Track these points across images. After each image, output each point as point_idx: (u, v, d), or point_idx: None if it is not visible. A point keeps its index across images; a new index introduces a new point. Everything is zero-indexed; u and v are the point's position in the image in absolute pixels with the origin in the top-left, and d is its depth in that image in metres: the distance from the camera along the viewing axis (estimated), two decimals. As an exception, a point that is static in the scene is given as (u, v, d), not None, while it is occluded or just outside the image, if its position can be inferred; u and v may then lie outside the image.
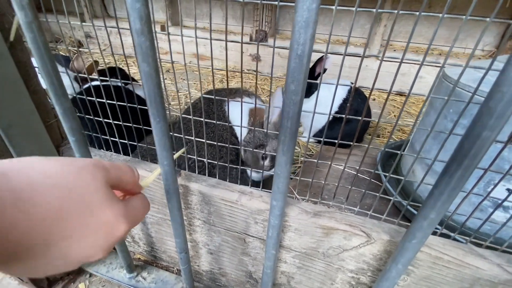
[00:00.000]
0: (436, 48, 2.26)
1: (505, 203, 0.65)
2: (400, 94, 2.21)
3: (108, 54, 2.65)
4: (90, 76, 0.49)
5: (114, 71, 1.43)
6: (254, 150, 0.92)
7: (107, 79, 0.51)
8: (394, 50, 2.22)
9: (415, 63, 2.00)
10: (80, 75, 0.57)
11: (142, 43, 0.31)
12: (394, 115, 1.89)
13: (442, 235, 0.47)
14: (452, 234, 0.47)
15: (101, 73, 1.41)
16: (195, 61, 2.63)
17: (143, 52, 0.32)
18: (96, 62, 1.43)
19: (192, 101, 1.07)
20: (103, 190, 0.26)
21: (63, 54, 1.87)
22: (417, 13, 0.30)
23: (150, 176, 0.35)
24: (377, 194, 0.47)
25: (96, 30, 0.50)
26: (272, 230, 0.44)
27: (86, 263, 0.29)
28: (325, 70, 1.26)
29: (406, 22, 2.23)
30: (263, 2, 0.34)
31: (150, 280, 0.74)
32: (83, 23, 0.47)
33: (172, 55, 0.41)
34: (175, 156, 0.44)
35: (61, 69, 0.54)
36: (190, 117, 0.48)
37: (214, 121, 0.47)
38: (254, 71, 2.53)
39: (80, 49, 0.50)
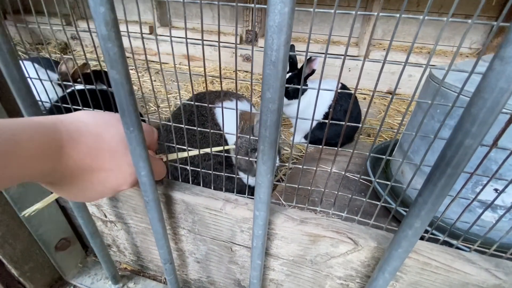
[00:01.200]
0: (425, 47, 2.28)
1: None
2: (390, 93, 2.22)
3: (93, 57, 2.60)
4: (75, 82, 0.47)
5: (99, 74, 1.39)
6: (246, 155, 0.90)
7: (91, 84, 0.49)
8: (384, 49, 2.23)
9: (398, 63, 2.01)
10: (65, 80, 0.54)
11: (110, 49, 0.29)
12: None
13: (434, 239, 0.46)
14: (441, 237, 0.46)
15: (86, 76, 1.38)
16: (185, 62, 2.60)
17: (112, 59, 0.30)
18: (85, 64, 1.39)
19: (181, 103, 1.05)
20: (125, 143, 0.36)
21: (47, 57, 1.82)
22: (397, 15, 0.29)
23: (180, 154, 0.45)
24: (364, 199, 0.46)
25: (80, 33, 0.48)
26: (256, 240, 0.42)
27: (118, 191, 0.39)
28: (313, 70, 1.25)
29: (395, 21, 2.24)
30: (239, 5, 0.32)
31: (137, 291, 0.72)
32: (65, 25, 0.44)
33: (160, 57, 0.39)
34: (166, 158, 0.44)
35: (42, 74, 0.52)
36: (171, 124, 0.46)
37: (196, 127, 0.46)
38: (246, 71, 2.52)
39: (63, 55, 0.47)
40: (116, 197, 0.58)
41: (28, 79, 0.43)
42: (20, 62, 0.41)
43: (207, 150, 0.48)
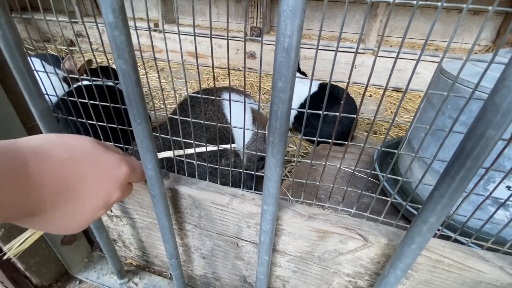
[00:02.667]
0: (432, 43, 2.25)
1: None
2: (397, 90, 2.19)
3: (100, 53, 2.61)
4: (80, 77, 0.46)
5: (106, 70, 1.39)
6: (249, 160, 0.90)
7: (99, 78, 0.49)
8: (391, 46, 2.20)
9: (411, 59, 1.98)
10: (70, 75, 0.54)
11: (117, 37, 0.29)
12: (391, 111, 1.87)
13: (442, 235, 0.45)
14: (452, 235, 0.45)
15: (93, 72, 1.38)
16: (189, 59, 2.59)
17: (118, 47, 0.29)
18: (90, 61, 1.40)
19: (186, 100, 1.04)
20: (101, 147, 0.33)
21: (54, 54, 1.83)
22: (414, 1, 0.28)
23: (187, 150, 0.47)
24: (374, 195, 0.45)
25: (87, 29, 0.47)
26: (264, 236, 0.41)
27: (111, 202, 0.34)
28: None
29: (402, 17, 2.21)
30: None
31: (142, 286, 0.72)
32: (72, 21, 0.44)
33: (168, 53, 0.38)
34: (160, 156, 0.43)
35: (50, 68, 0.51)
36: (177, 117, 0.46)
37: (203, 122, 0.45)
38: (250, 68, 2.50)
39: (70, 49, 0.47)
40: (122, 192, 0.58)
41: (36, 75, 0.42)
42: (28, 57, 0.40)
43: (202, 149, 0.48)
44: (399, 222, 0.45)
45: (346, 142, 0.39)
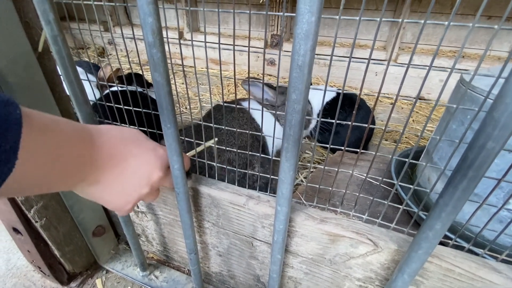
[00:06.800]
0: (458, 51, 2.17)
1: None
2: (421, 98, 2.14)
3: (127, 61, 2.77)
4: (109, 84, 0.53)
5: (131, 77, 1.49)
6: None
7: (124, 85, 0.54)
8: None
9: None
10: (103, 83, 0.61)
11: (154, 54, 0.33)
12: (413, 120, 1.83)
13: (459, 247, 0.45)
14: (466, 245, 0.45)
15: (121, 79, 1.48)
16: (211, 66, 2.69)
17: (155, 63, 0.34)
18: (118, 70, 1.51)
19: (210, 106, 1.10)
20: (144, 134, 0.42)
21: (88, 61, 1.98)
22: (422, 22, 0.30)
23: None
24: (385, 202, 0.46)
25: (115, 39, 0.53)
26: (277, 235, 0.44)
27: (152, 180, 0.40)
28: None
29: (426, 24, 2.16)
30: (269, 13, 0.35)
31: (162, 279, 0.77)
32: (102, 31, 0.50)
33: (195, 61, 0.43)
34: (199, 149, 0.49)
35: (83, 76, 0.58)
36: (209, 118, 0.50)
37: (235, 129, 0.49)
38: (269, 75, 2.55)
39: (102, 59, 0.53)
40: (148, 189, 0.63)
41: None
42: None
43: (201, 147, 0.53)
44: (412, 230, 0.46)
45: (358, 150, 0.42)
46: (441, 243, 0.46)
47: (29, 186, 0.27)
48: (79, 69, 0.65)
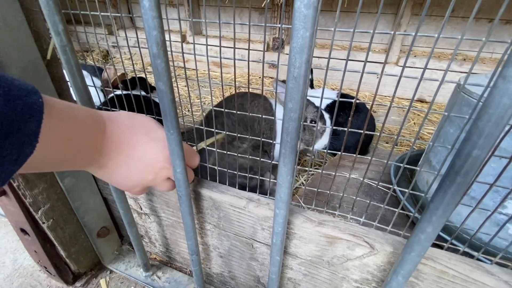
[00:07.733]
0: (461, 53, 2.17)
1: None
2: (421, 101, 2.15)
3: (131, 64, 2.80)
4: (111, 89, 0.55)
5: (135, 81, 1.52)
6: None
7: (128, 90, 0.56)
8: (415, 56, 2.16)
9: (436, 69, 1.94)
10: (106, 88, 0.63)
11: (158, 65, 0.35)
12: (414, 123, 1.84)
13: (455, 250, 0.46)
14: (461, 247, 0.46)
15: (125, 83, 1.51)
16: (213, 69, 2.71)
17: (159, 72, 0.36)
18: (123, 75, 1.54)
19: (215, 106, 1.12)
20: (158, 124, 0.43)
21: (93, 64, 2.01)
22: (413, 34, 0.32)
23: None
24: (382, 205, 0.47)
25: (119, 42, 0.55)
26: (276, 237, 0.46)
27: (157, 169, 0.42)
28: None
29: (427, 27, 2.17)
30: (267, 25, 0.37)
31: (165, 280, 0.78)
32: (107, 34, 0.52)
33: (196, 64, 0.44)
34: (203, 144, 0.51)
35: (88, 79, 0.60)
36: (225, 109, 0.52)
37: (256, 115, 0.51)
38: (271, 77, 2.57)
39: (105, 63, 0.55)
40: (151, 191, 0.65)
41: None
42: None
43: (202, 144, 0.55)
44: (409, 233, 0.47)
45: (356, 154, 0.43)
46: (438, 246, 0.47)
47: (45, 164, 0.31)
48: (84, 72, 0.67)
